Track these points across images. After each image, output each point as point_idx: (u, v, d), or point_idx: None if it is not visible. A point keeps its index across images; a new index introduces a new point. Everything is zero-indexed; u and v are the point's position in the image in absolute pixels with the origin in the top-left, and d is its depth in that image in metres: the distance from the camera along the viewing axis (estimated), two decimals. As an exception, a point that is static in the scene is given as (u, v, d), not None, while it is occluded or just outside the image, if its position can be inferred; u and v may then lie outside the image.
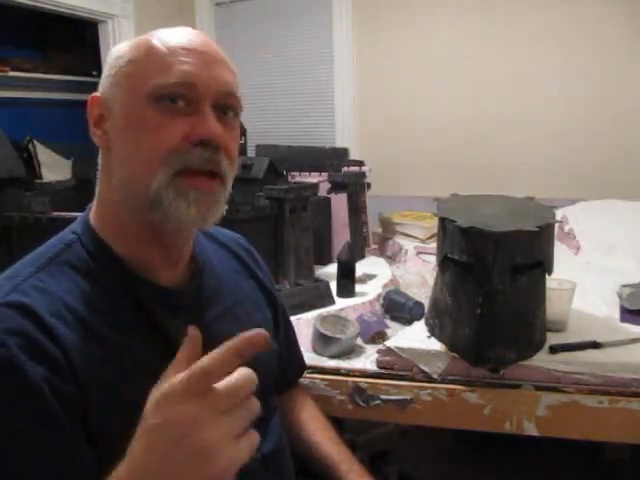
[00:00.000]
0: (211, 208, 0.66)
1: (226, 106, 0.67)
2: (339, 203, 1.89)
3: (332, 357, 1.15)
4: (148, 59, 0.64)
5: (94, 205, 0.71)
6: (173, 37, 0.66)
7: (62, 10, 2.53)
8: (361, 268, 1.60)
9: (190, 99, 0.64)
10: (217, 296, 0.77)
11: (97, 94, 0.68)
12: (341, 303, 1.38)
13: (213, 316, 0.75)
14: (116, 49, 0.69)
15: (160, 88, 0.63)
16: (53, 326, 0.59)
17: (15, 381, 0.55)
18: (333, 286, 1.43)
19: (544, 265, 1.01)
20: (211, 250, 0.82)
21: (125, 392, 0.61)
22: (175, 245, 0.71)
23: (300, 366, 1.04)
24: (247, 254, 0.91)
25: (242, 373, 0.49)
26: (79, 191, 2.76)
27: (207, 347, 0.72)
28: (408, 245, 1.84)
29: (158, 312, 0.68)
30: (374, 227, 2.07)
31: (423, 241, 1.86)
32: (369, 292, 1.46)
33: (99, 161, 0.71)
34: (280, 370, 0.91)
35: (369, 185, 2.03)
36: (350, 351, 1.18)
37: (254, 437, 0.49)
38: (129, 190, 0.66)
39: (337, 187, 1.81)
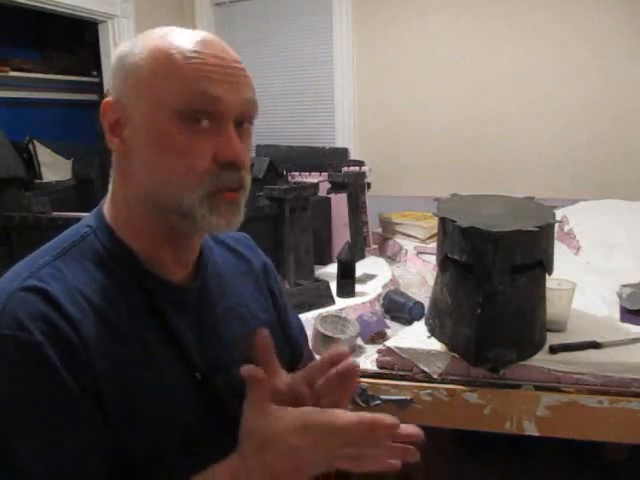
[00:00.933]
0: (236, 215, 0.69)
1: (245, 117, 0.68)
2: (339, 203, 1.89)
3: (332, 357, 1.15)
4: (171, 74, 0.64)
5: (107, 202, 0.72)
6: (193, 47, 0.65)
7: (62, 10, 2.53)
8: (361, 268, 1.60)
9: (214, 116, 0.64)
10: (220, 296, 0.78)
11: (111, 99, 0.67)
12: (341, 303, 1.38)
13: (217, 315, 0.76)
14: (129, 52, 0.67)
15: (185, 105, 0.63)
16: (71, 312, 0.60)
17: (38, 365, 0.57)
18: (333, 286, 1.43)
19: (544, 265, 1.01)
20: (217, 252, 0.83)
21: (135, 381, 0.63)
22: (189, 246, 0.73)
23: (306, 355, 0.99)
24: (252, 253, 0.90)
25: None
26: (79, 191, 2.76)
27: (211, 346, 0.73)
28: (408, 245, 1.84)
29: (167, 309, 0.69)
30: (374, 227, 2.07)
31: (423, 241, 1.86)
32: (369, 292, 1.46)
33: (113, 162, 0.71)
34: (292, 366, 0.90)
35: (369, 185, 2.03)
36: (350, 351, 1.17)
37: None
38: (156, 198, 0.67)
39: (337, 187, 1.81)
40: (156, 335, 0.68)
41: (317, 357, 1.14)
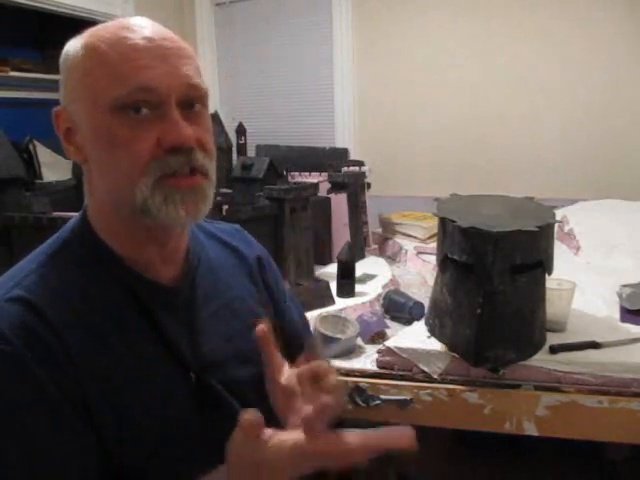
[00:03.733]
0: (198, 204, 0.65)
1: (191, 99, 0.65)
2: (339, 203, 1.88)
3: (332, 357, 1.15)
4: (102, 70, 0.62)
5: (88, 208, 0.71)
6: (121, 37, 0.63)
7: (62, 10, 2.53)
8: (361, 268, 1.60)
9: (153, 104, 0.62)
10: (213, 293, 0.77)
11: (60, 107, 0.67)
12: (341, 303, 1.38)
13: (209, 314, 0.75)
14: (66, 56, 0.66)
15: (119, 99, 0.61)
16: (55, 320, 0.60)
17: (21, 377, 0.57)
18: (333, 286, 1.43)
19: (544, 265, 1.01)
20: (207, 245, 0.81)
21: (126, 386, 0.63)
22: (170, 241, 0.71)
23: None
24: (244, 245, 0.88)
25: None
26: (79, 191, 2.72)
27: (205, 344, 0.72)
28: (408, 245, 1.84)
29: (156, 310, 0.68)
30: (374, 227, 2.07)
31: (423, 241, 1.86)
32: (369, 292, 1.46)
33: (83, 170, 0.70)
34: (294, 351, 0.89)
35: (369, 185, 2.03)
36: (350, 351, 1.18)
37: None
38: (114, 200, 0.66)
39: (337, 187, 1.81)
40: (146, 338, 0.67)
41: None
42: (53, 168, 2.98)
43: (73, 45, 0.66)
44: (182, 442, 0.67)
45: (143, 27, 0.64)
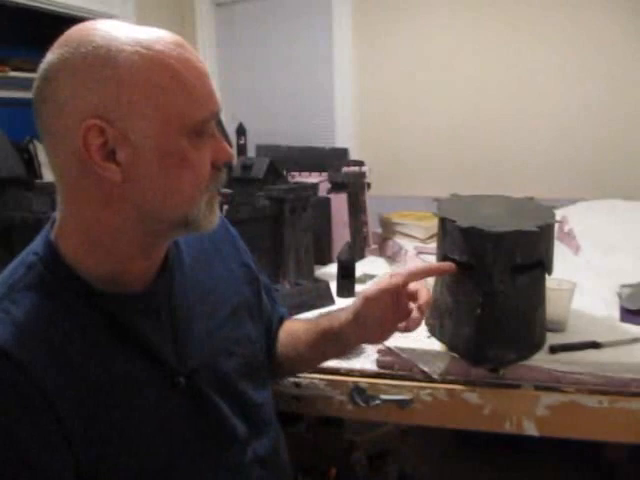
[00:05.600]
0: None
1: None
2: (339, 203, 1.89)
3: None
4: (180, 91, 0.60)
5: (59, 229, 0.66)
6: (186, 58, 0.61)
7: (62, 10, 2.53)
8: (361, 268, 1.60)
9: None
10: (189, 285, 0.76)
11: (95, 121, 0.58)
12: (341, 303, 1.38)
13: (188, 309, 0.74)
14: (114, 63, 0.58)
15: (197, 125, 0.62)
16: (24, 360, 0.57)
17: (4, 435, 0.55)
18: (333, 286, 1.43)
19: (544, 265, 1.01)
20: (180, 239, 0.79)
21: (109, 409, 0.62)
22: (164, 247, 0.72)
23: (280, 313, 1.00)
24: (217, 232, 0.85)
25: None
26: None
27: (189, 344, 0.71)
28: (408, 245, 1.84)
29: (134, 321, 0.67)
30: (374, 227, 2.07)
31: (423, 241, 1.85)
32: (369, 292, 1.45)
33: (71, 190, 0.65)
34: (268, 333, 0.92)
35: (369, 185, 2.03)
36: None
37: None
38: (160, 218, 0.65)
39: (337, 187, 1.81)
40: (127, 354, 0.65)
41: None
42: (53, 168, 2.97)
43: (122, 53, 0.58)
44: (176, 451, 0.66)
45: (186, 46, 0.64)
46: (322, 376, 1.09)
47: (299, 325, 0.97)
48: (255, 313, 0.88)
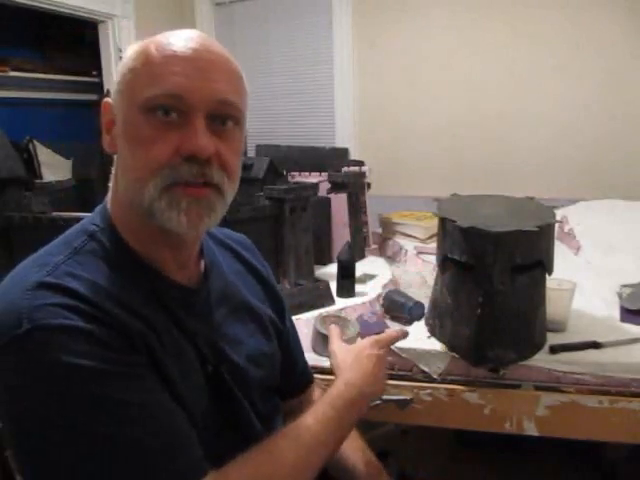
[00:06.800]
0: (202, 215, 0.65)
1: (224, 115, 0.66)
2: (339, 203, 1.89)
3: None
4: (144, 68, 0.64)
5: (110, 201, 0.71)
6: (170, 43, 0.64)
7: (62, 10, 2.53)
8: (361, 268, 1.60)
9: (182, 111, 0.63)
10: (224, 297, 0.79)
11: (109, 100, 0.69)
12: (341, 303, 1.38)
13: (222, 316, 0.77)
14: (126, 53, 0.69)
15: (150, 100, 0.62)
16: (99, 304, 0.60)
17: (96, 346, 0.57)
18: (333, 286, 1.43)
19: (544, 265, 1.01)
20: (217, 251, 0.83)
21: (169, 365, 0.65)
22: (184, 247, 0.72)
23: (307, 375, 1.00)
24: (250, 254, 0.91)
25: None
26: (79, 191, 2.75)
27: (215, 345, 0.73)
28: (408, 245, 1.84)
29: (175, 308, 0.69)
30: (374, 227, 2.07)
31: (423, 241, 1.86)
32: (369, 292, 1.46)
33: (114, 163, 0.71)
34: (285, 374, 0.90)
35: (369, 185, 2.03)
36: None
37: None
38: (130, 198, 0.66)
39: (337, 187, 1.81)
40: (171, 330, 0.68)
41: (317, 358, 1.15)
42: (53, 168, 2.97)
43: (132, 46, 0.69)
44: (201, 428, 0.67)
45: (193, 38, 0.66)
46: (322, 376, 1.09)
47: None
48: (276, 335, 0.89)
